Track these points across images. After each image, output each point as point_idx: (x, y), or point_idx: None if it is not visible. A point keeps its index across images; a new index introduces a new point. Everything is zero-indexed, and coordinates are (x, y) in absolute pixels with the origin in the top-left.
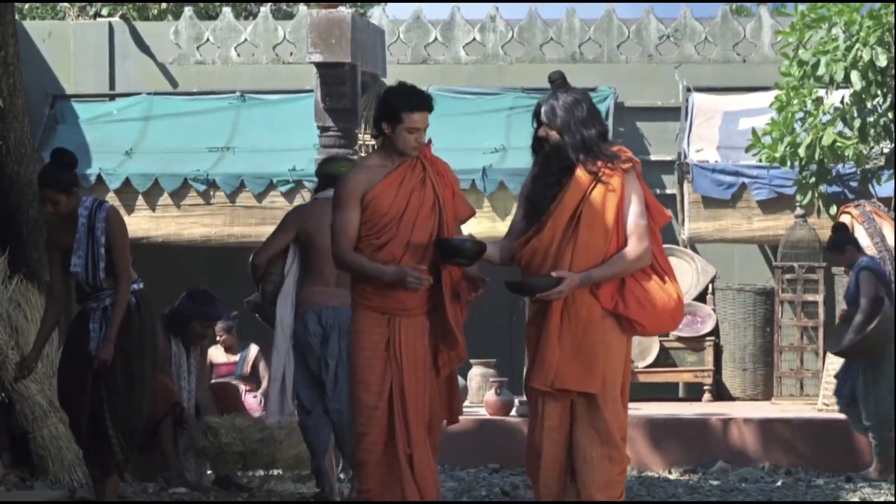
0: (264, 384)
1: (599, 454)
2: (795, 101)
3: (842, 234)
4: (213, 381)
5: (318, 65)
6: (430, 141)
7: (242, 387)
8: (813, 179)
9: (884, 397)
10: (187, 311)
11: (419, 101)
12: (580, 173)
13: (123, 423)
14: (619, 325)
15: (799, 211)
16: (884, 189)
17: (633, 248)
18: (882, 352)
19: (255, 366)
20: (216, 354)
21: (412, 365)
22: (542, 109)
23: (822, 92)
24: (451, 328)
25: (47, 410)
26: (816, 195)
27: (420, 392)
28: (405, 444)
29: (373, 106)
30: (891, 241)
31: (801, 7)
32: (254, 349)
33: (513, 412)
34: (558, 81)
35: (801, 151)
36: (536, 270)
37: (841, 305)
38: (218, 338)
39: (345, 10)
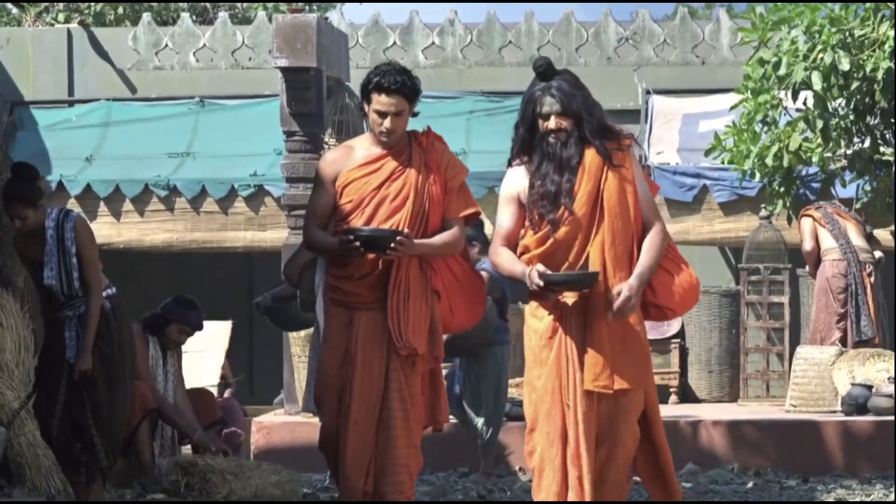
0: (230, 390)
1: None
2: (756, 105)
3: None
4: None
5: (284, 69)
6: (428, 128)
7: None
8: (782, 188)
9: (486, 397)
10: (169, 315)
11: (386, 82)
12: (591, 158)
13: (108, 429)
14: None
15: (763, 212)
16: (846, 191)
17: (658, 229)
18: (483, 351)
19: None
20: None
21: (366, 363)
22: (554, 98)
23: (782, 95)
24: (395, 326)
25: (24, 418)
26: (786, 203)
27: (370, 392)
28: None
29: (338, 110)
30: (855, 242)
31: (760, 9)
32: None
33: None
34: (545, 69)
35: (769, 161)
36: (558, 266)
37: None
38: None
39: (310, 15)
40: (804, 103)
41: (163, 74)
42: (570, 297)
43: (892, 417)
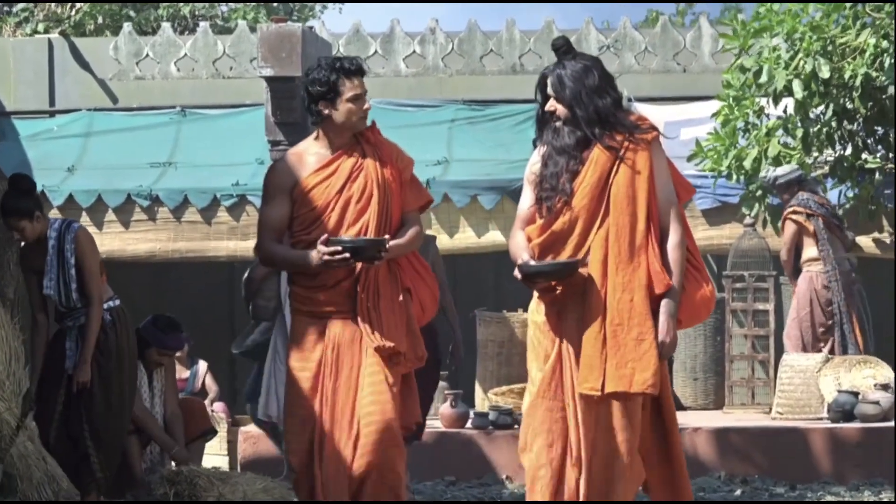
0: (211, 396)
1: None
2: (737, 112)
3: None
4: None
5: (269, 79)
6: (374, 123)
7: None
8: (759, 192)
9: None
10: (147, 336)
11: (351, 64)
12: (598, 150)
13: (104, 442)
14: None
15: (748, 220)
16: (828, 198)
17: (675, 241)
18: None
19: (203, 381)
20: None
21: (347, 372)
22: (549, 80)
23: (763, 102)
24: (365, 328)
25: (15, 429)
26: (763, 207)
27: (350, 402)
28: (319, 460)
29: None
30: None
31: (741, 16)
32: (203, 365)
33: (468, 424)
34: (564, 48)
35: (747, 164)
36: (554, 258)
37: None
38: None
39: (295, 25)
40: (784, 110)
41: (144, 84)
42: (569, 294)
43: (879, 424)
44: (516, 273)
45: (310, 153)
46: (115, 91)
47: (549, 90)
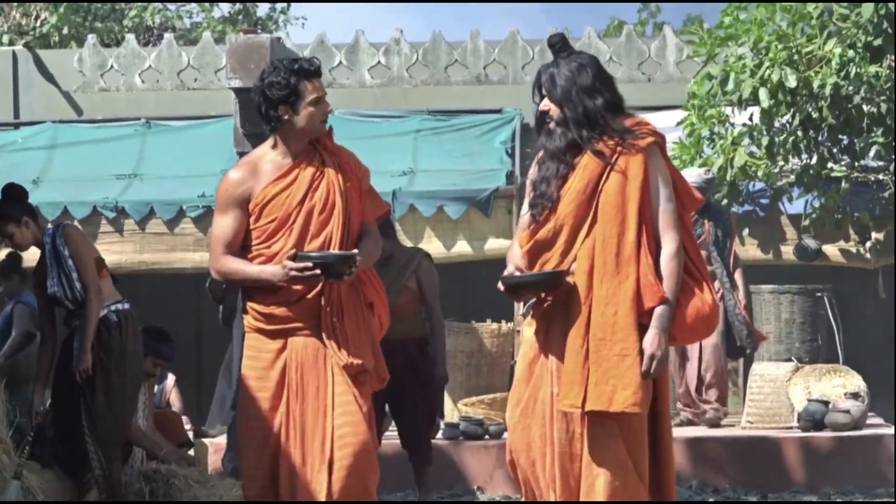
0: (175, 410)
1: None
2: (702, 122)
3: (9, 264)
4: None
5: (238, 90)
6: (330, 128)
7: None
8: (725, 201)
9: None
10: (144, 347)
11: (310, 65)
12: (588, 156)
13: (104, 440)
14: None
15: None
16: (794, 207)
17: (671, 252)
18: (22, 378)
19: (169, 395)
20: None
21: (313, 392)
22: (542, 79)
23: (728, 110)
24: (331, 346)
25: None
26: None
27: (320, 425)
28: (288, 485)
29: None
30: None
31: (706, 25)
32: (171, 379)
33: (438, 435)
34: (559, 45)
35: (713, 173)
36: (542, 268)
37: (761, 324)
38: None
39: (263, 36)
40: (750, 118)
41: (108, 96)
42: (555, 306)
43: (850, 433)
44: (500, 285)
45: (265, 161)
46: (80, 103)
47: (542, 89)
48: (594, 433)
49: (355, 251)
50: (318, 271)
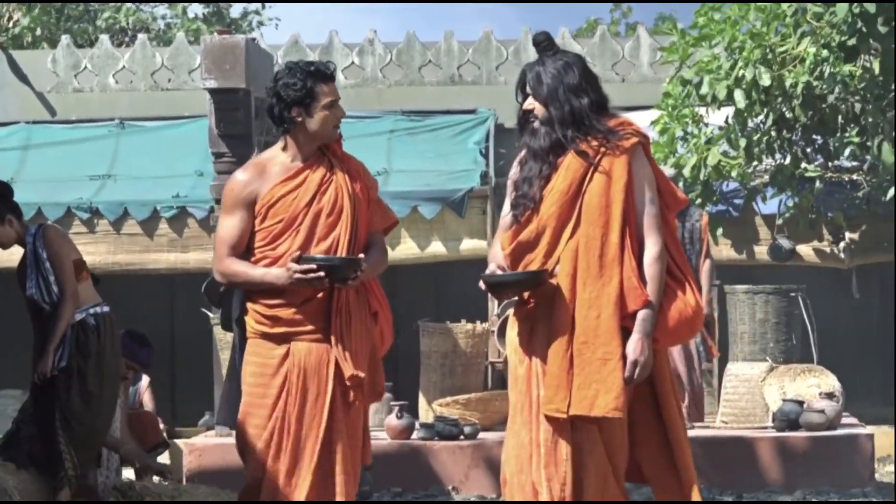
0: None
1: None
2: (675, 122)
3: None
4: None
5: (213, 91)
6: (339, 135)
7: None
8: (699, 200)
9: None
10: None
11: (326, 68)
12: (571, 156)
13: (78, 442)
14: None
15: None
16: (768, 207)
17: (654, 254)
18: None
19: (143, 396)
20: None
21: (311, 399)
22: (527, 77)
23: (702, 111)
24: (342, 356)
25: None
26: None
27: (314, 432)
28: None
29: (265, 130)
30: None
31: (681, 26)
32: (145, 380)
33: (414, 435)
34: (544, 43)
35: (686, 172)
36: (523, 269)
37: (736, 324)
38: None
39: (238, 36)
40: (726, 120)
41: (82, 97)
42: (539, 308)
43: (824, 433)
44: (481, 284)
45: (274, 163)
46: (54, 103)
47: (527, 87)
48: (577, 438)
49: (361, 256)
50: (322, 274)
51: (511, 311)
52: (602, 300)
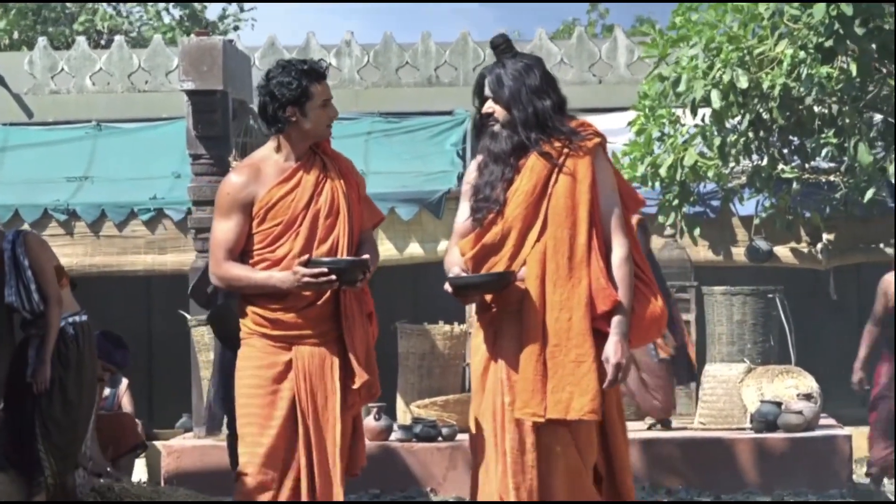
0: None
1: None
2: (652, 122)
3: None
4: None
5: (190, 92)
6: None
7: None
8: (676, 201)
9: None
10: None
11: (319, 67)
12: (535, 158)
13: (58, 450)
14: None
15: (669, 231)
16: (745, 208)
17: (622, 256)
18: None
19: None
20: None
21: (321, 403)
22: (487, 80)
23: (679, 112)
24: (353, 361)
25: None
26: (680, 216)
27: (332, 441)
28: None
29: (242, 132)
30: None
31: (659, 26)
32: (124, 383)
33: (392, 437)
34: (503, 46)
35: (663, 172)
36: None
37: (713, 325)
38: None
39: (216, 38)
40: (702, 120)
41: (59, 98)
42: (503, 313)
43: (802, 434)
44: (447, 286)
45: (268, 164)
46: (31, 105)
47: (487, 90)
48: (546, 441)
49: (367, 256)
50: (333, 277)
51: (476, 318)
52: (573, 302)
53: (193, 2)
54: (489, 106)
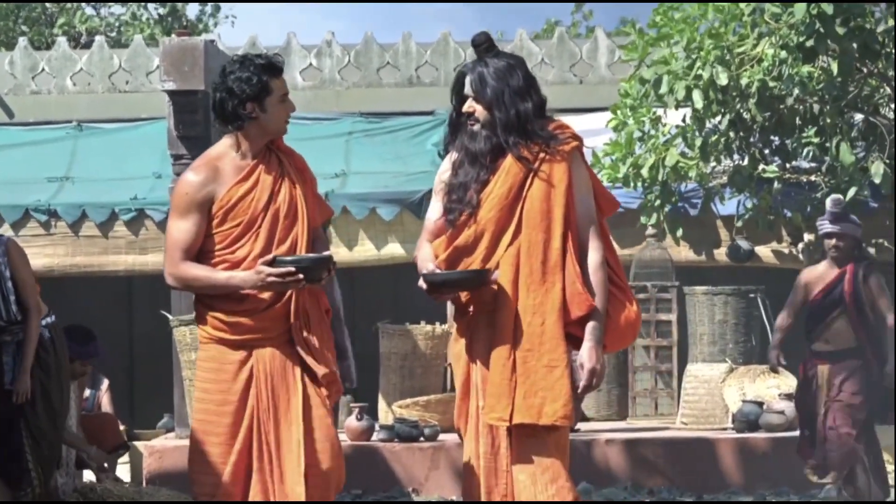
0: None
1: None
2: (632, 121)
3: None
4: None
5: (171, 93)
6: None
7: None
8: (658, 202)
9: None
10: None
11: (277, 62)
12: (510, 160)
13: (45, 459)
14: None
15: (651, 230)
16: (726, 207)
17: (597, 261)
18: None
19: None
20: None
21: (283, 404)
22: (469, 79)
23: (660, 111)
24: (309, 357)
25: None
26: (662, 216)
27: (294, 437)
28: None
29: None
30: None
31: (640, 26)
32: (105, 384)
33: (374, 437)
34: (485, 45)
35: (645, 172)
36: None
37: (695, 326)
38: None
39: (197, 38)
40: (683, 119)
41: (40, 99)
42: (478, 316)
43: (784, 434)
44: (421, 283)
45: (225, 162)
46: (11, 106)
47: (468, 89)
48: (522, 445)
49: (329, 253)
50: (301, 276)
51: (454, 323)
52: (546, 306)
53: (173, 1)
54: (470, 105)
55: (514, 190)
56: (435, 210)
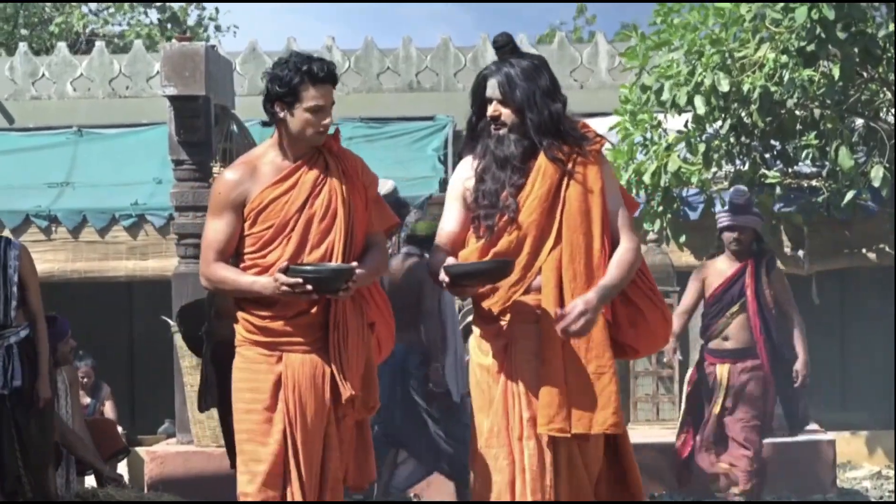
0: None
1: None
2: (635, 128)
3: None
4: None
5: (172, 98)
6: (337, 130)
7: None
8: (661, 208)
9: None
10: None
11: (321, 70)
12: (544, 161)
13: (37, 467)
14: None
15: (652, 236)
16: None
17: (629, 246)
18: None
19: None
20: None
21: (310, 414)
22: (495, 81)
23: (661, 117)
24: (338, 374)
25: None
26: (665, 223)
27: (318, 455)
28: None
29: (224, 137)
30: None
31: (642, 30)
32: (106, 390)
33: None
34: (508, 45)
35: (647, 179)
36: (504, 285)
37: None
38: (84, 379)
39: (198, 44)
40: (685, 125)
41: (40, 104)
42: (517, 324)
43: (784, 439)
44: (443, 276)
45: (264, 162)
46: (12, 111)
47: (494, 92)
48: (559, 459)
49: (354, 264)
50: (309, 288)
51: (476, 331)
52: None
53: (168, 1)
54: (495, 108)
55: (552, 192)
56: (451, 218)
